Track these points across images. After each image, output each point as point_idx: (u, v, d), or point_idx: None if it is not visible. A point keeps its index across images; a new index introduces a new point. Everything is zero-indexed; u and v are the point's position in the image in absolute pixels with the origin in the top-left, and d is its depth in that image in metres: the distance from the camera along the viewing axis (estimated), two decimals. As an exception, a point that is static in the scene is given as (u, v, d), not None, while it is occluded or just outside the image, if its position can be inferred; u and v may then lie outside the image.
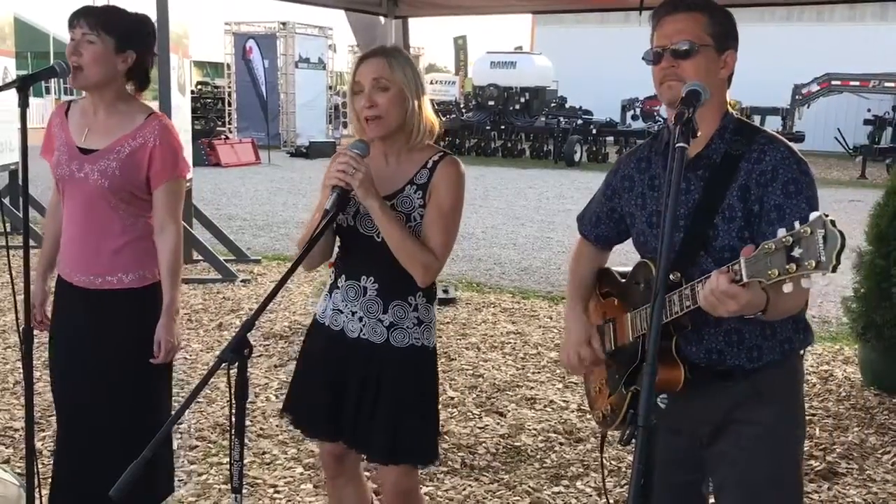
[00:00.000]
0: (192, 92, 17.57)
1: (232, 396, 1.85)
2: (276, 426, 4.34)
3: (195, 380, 4.90)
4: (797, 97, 21.38)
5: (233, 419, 1.87)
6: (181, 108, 8.17)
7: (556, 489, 3.76)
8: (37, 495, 2.80)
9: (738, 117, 2.10)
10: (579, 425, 4.46)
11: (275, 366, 5.31)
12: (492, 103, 23.47)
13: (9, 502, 3.05)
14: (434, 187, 2.44)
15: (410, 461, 2.58)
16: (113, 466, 1.88)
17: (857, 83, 20.70)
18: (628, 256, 2.24)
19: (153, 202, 2.73)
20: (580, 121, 22.45)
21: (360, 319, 2.51)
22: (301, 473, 3.84)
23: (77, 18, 2.63)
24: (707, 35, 2.00)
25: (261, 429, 4.32)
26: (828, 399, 4.96)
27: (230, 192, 13.89)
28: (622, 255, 2.48)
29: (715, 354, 2.06)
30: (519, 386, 5.08)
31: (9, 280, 3.10)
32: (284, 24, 23.20)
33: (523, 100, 23.70)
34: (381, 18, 5.15)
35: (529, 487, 3.76)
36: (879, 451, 4.21)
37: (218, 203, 12.47)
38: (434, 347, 2.59)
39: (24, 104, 2.53)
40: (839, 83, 20.88)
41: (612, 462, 4.00)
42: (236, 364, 1.84)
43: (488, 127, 23.00)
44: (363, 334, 2.51)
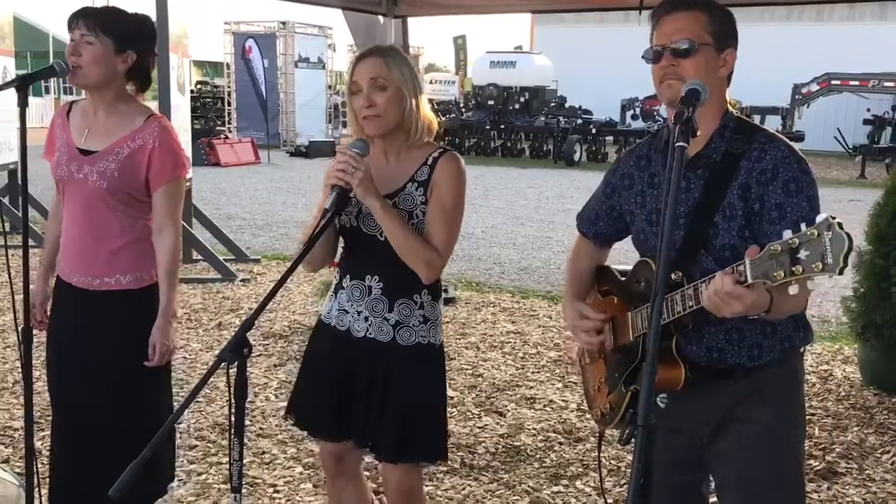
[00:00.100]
0: (192, 91, 17.56)
1: (231, 396, 1.86)
2: (276, 426, 4.34)
3: (194, 379, 4.90)
4: (797, 97, 21.38)
5: (232, 419, 1.87)
6: (181, 108, 8.17)
7: (556, 489, 3.76)
8: (36, 495, 2.80)
9: (738, 116, 2.10)
10: (579, 425, 4.46)
11: (274, 365, 5.31)
12: (491, 103, 23.46)
13: (8, 502, 3.05)
14: (435, 184, 2.44)
15: (419, 459, 2.58)
16: (111, 466, 1.88)
17: (857, 83, 20.69)
18: (628, 255, 2.24)
19: (152, 204, 2.72)
20: (580, 120, 22.45)
21: (366, 319, 2.51)
22: (300, 473, 3.84)
23: (76, 19, 2.63)
24: (707, 34, 2.00)
25: (260, 428, 4.32)
26: (827, 399, 4.96)
27: (230, 192, 13.89)
28: (621, 254, 2.48)
29: (715, 353, 2.06)
30: (518, 385, 5.08)
31: (8, 280, 3.09)
32: (284, 24, 23.20)
33: (523, 99, 23.69)
34: (381, 18, 5.15)
35: (529, 487, 3.76)
36: (879, 451, 4.21)
37: (217, 202, 12.47)
38: (440, 345, 2.59)
39: (24, 103, 2.53)
40: (839, 83, 20.88)
41: (612, 462, 4.00)
42: (236, 363, 1.84)
43: (488, 126, 23.00)
44: (369, 333, 2.51)
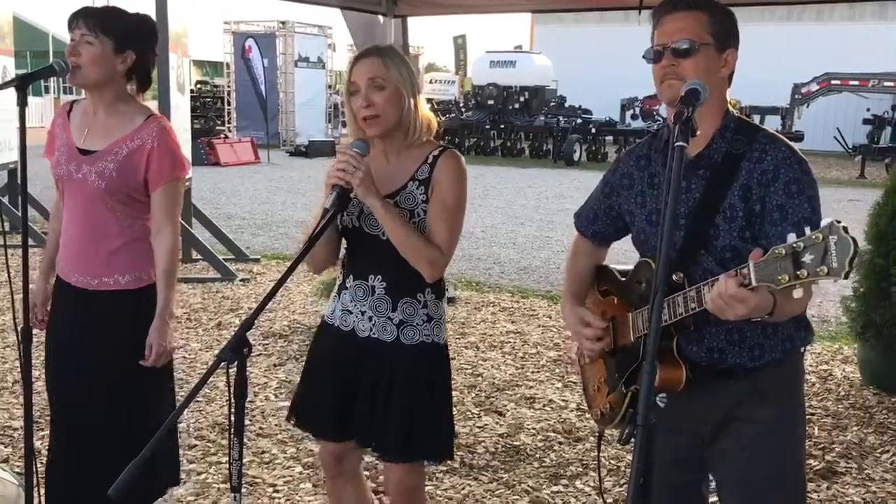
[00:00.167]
0: (192, 91, 17.56)
1: (231, 395, 1.85)
2: (276, 425, 4.34)
3: (194, 379, 4.90)
4: (796, 96, 21.37)
5: (232, 418, 1.87)
6: (180, 108, 8.17)
7: (556, 488, 3.76)
8: (35, 494, 2.80)
9: (739, 116, 2.09)
10: (578, 424, 4.46)
11: (274, 365, 5.31)
12: (491, 102, 23.47)
13: (8, 501, 3.05)
14: (436, 182, 2.44)
15: (423, 458, 2.59)
16: (110, 466, 1.87)
17: (857, 82, 20.69)
18: (627, 255, 2.24)
19: (151, 204, 2.72)
20: (579, 120, 22.46)
21: (370, 319, 2.52)
22: (300, 472, 3.84)
23: (76, 19, 2.63)
24: (707, 34, 1.99)
25: (260, 428, 4.32)
26: (827, 398, 4.96)
27: (229, 192, 13.89)
28: (621, 254, 2.48)
29: (716, 353, 2.06)
30: (518, 385, 5.08)
31: (8, 279, 3.09)
32: (284, 24, 23.20)
33: (523, 99, 23.70)
34: (381, 18, 5.15)
35: (528, 486, 3.76)
36: (878, 451, 4.21)
37: (217, 202, 12.47)
38: (445, 344, 2.59)
39: (23, 103, 2.53)
40: (838, 82, 20.87)
41: (612, 461, 4.00)
42: (235, 363, 1.84)
43: (488, 126, 23.00)
44: (373, 333, 2.51)
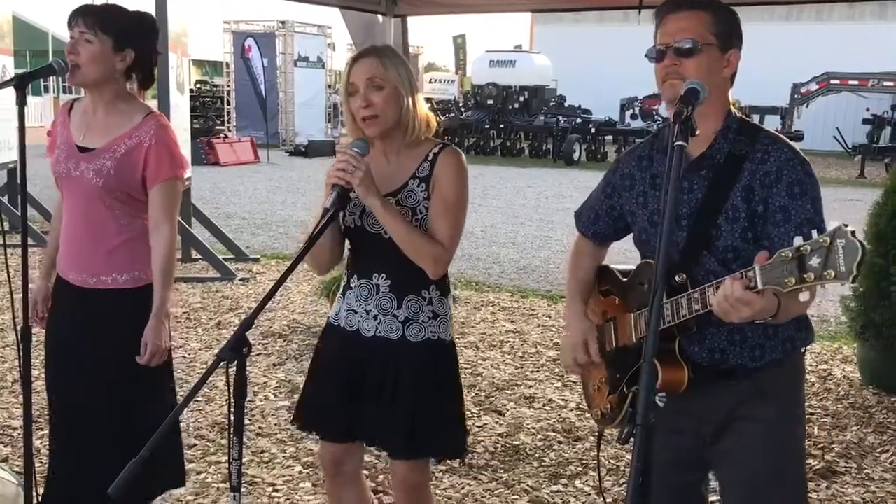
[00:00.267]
0: (191, 91, 17.58)
1: (231, 395, 1.85)
2: (275, 425, 4.34)
3: (194, 378, 4.90)
4: (796, 96, 21.37)
5: (231, 418, 1.86)
6: (180, 107, 8.17)
7: (555, 488, 3.76)
8: (35, 494, 2.80)
9: (741, 116, 2.09)
10: (578, 424, 4.46)
11: (273, 364, 5.31)
12: (491, 102, 23.46)
13: (7, 501, 3.05)
14: (437, 179, 2.44)
15: (432, 456, 2.59)
16: (110, 466, 1.87)
17: (856, 82, 20.68)
18: (627, 255, 2.23)
19: (149, 202, 2.71)
20: (579, 120, 22.46)
21: (375, 318, 2.51)
22: (300, 472, 3.84)
23: (75, 17, 2.63)
24: (710, 34, 1.99)
25: (259, 427, 4.32)
26: (826, 398, 4.96)
27: (229, 191, 13.89)
28: (621, 254, 2.48)
29: (717, 354, 2.05)
30: (518, 385, 5.08)
31: (7, 279, 3.09)
32: (283, 23, 23.20)
33: (522, 99, 23.69)
34: (380, 17, 5.14)
35: (528, 486, 3.76)
36: (878, 450, 4.22)
37: (217, 202, 12.47)
38: (451, 340, 2.58)
39: (22, 102, 2.54)
40: (838, 82, 20.87)
41: (611, 461, 4.00)
42: (235, 363, 1.84)
43: (487, 126, 23.00)
44: (378, 332, 2.51)
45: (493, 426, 4.41)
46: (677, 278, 1.97)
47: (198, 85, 26.50)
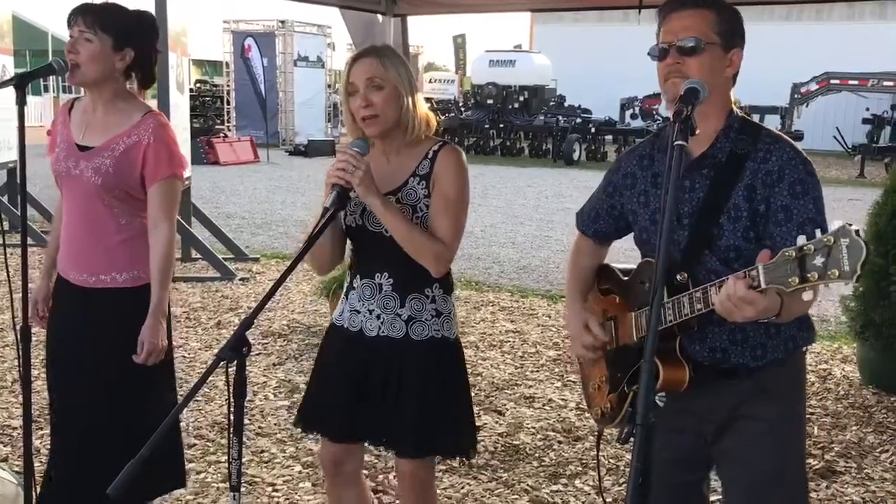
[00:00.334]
0: (191, 90, 17.58)
1: (230, 395, 1.85)
2: (275, 424, 4.34)
3: (193, 378, 4.90)
4: (796, 96, 21.37)
5: (231, 417, 1.86)
6: (180, 107, 8.17)
7: (555, 487, 3.76)
8: (34, 494, 2.80)
9: (743, 116, 2.08)
10: (578, 424, 4.46)
11: (273, 364, 5.31)
12: (490, 102, 23.46)
13: (7, 500, 3.04)
14: (437, 176, 2.44)
15: (440, 454, 2.60)
16: (109, 465, 1.87)
17: (856, 82, 20.68)
18: (627, 255, 2.23)
19: (147, 200, 2.71)
20: (579, 119, 22.45)
21: (378, 317, 2.51)
22: (299, 472, 3.84)
23: (75, 16, 2.63)
24: (714, 33, 1.98)
25: (259, 427, 4.32)
26: (826, 398, 4.96)
27: (229, 191, 13.88)
28: (621, 254, 2.48)
29: (719, 353, 2.05)
30: (517, 384, 5.08)
31: (7, 278, 3.09)
32: (283, 23, 23.20)
33: (522, 98, 23.69)
34: (380, 17, 5.14)
35: (528, 486, 3.76)
36: (878, 450, 4.22)
37: (216, 201, 12.47)
38: (456, 338, 2.58)
39: (22, 101, 2.54)
40: (838, 82, 20.87)
41: (611, 461, 4.00)
42: (235, 362, 1.84)
43: (487, 125, 22.99)
44: (382, 331, 2.51)
45: (493, 426, 4.41)
46: (679, 277, 1.96)
47: (197, 84, 26.51)
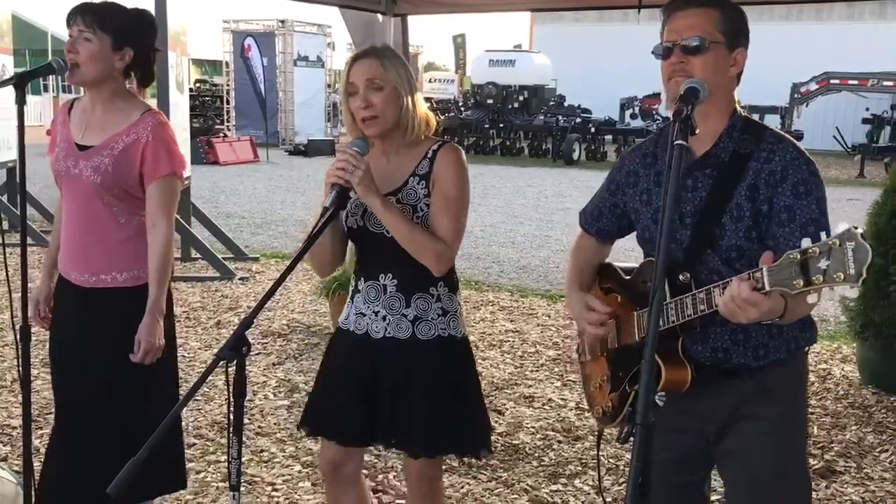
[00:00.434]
0: (191, 90, 17.56)
1: (230, 394, 1.85)
2: (275, 424, 4.34)
3: (193, 377, 4.90)
4: (796, 96, 21.37)
5: (231, 417, 1.86)
6: (179, 106, 8.17)
7: (555, 487, 3.76)
8: (34, 494, 2.79)
9: (746, 115, 2.08)
10: (577, 423, 4.46)
11: (273, 364, 5.31)
12: (490, 102, 23.46)
13: (6, 500, 3.04)
14: (436, 176, 2.44)
15: (452, 452, 2.61)
16: (109, 465, 1.87)
17: (856, 82, 20.68)
18: (627, 254, 2.23)
19: (146, 199, 2.70)
20: (579, 119, 22.45)
21: (384, 318, 2.50)
22: (299, 471, 3.84)
23: (74, 16, 2.62)
24: (718, 32, 1.98)
25: (259, 427, 4.32)
26: (826, 397, 4.96)
27: (228, 190, 13.88)
28: (621, 253, 2.48)
29: (721, 353, 2.05)
30: (517, 384, 5.08)
31: (6, 278, 3.09)
32: (283, 22, 23.19)
33: (522, 98, 23.69)
34: (380, 16, 5.14)
35: (527, 485, 3.76)
36: (877, 450, 4.22)
37: (216, 201, 12.47)
38: (463, 336, 2.57)
39: (21, 101, 2.53)
40: (838, 82, 20.86)
41: (611, 460, 4.00)
42: (234, 362, 1.84)
43: (487, 125, 22.99)
44: (388, 333, 2.50)
45: (493, 425, 4.40)
46: (681, 277, 1.96)
47: (197, 84, 26.51)
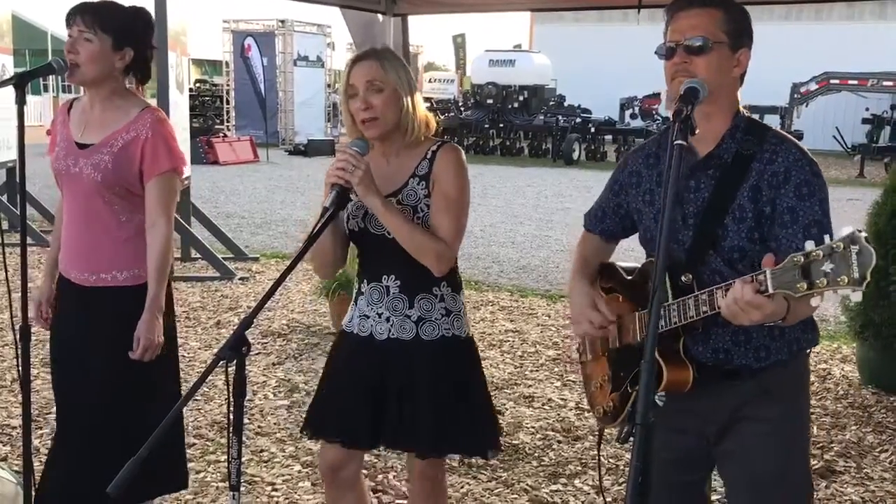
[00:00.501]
0: (191, 90, 17.56)
1: (230, 394, 1.85)
2: (274, 424, 4.34)
3: (193, 377, 4.90)
4: (795, 96, 21.36)
5: (231, 417, 1.86)
6: (179, 106, 8.17)
7: (554, 487, 3.76)
8: (34, 493, 2.79)
9: (749, 116, 2.07)
10: (577, 423, 4.46)
11: (273, 364, 5.31)
12: (490, 101, 23.46)
13: (6, 500, 3.04)
14: (436, 176, 2.44)
15: (460, 452, 2.62)
16: (110, 465, 1.87)
17: (856, 82, 20.66)
18: (628, 254, 2.23)
19: (145, 196, 2.70)
20: (579, 119, 22.46)
21: (388, 320, 2.50)
22: (299, 471, 3.84)
23: (74, 16, 2.62)
24: (722, 32, 1.97)
25: (259, 426, 4.32)
26: (826, 398, 4.96)
27: (228, 190, 13.88)
28: (623, 253, 2.48)
29: (722, 354, 2.05)
30: (517, 384, 5.08)
31: (5, 278, 3.09)
32: (283, 22, 23.18)
33: (522, 98, 23.68)
34: (380, 16, 5.14)
35: (527, 485, 3.76)
36: (877, 450, 4.22)
37: (216, 201, 12.47)
38: (467, 336, 2.57)
39: (21, 101, 2.53)
40: (837, 82, 20.85)
41: (611, 460, 4.00)
42: (234, 362, 1.84)
43: (487, 125, 22.99)
44: (392, 334, 2.50)
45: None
46: (683, 278, 1.96)
47: (197, 84, 26.50)
